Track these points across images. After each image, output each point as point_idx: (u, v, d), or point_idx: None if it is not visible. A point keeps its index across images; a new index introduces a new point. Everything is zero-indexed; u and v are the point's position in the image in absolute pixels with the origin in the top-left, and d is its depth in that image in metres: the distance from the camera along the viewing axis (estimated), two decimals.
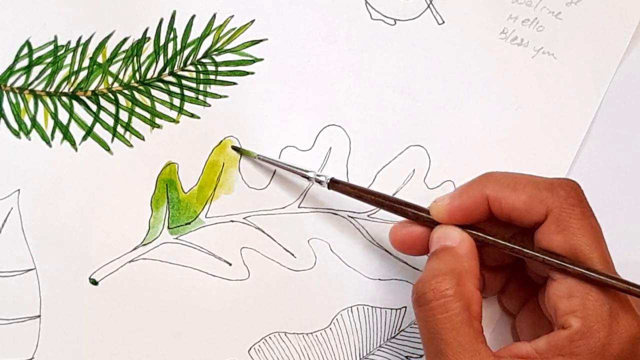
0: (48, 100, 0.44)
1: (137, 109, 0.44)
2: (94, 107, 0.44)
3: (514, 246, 0.38)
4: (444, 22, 0.46)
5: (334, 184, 0.42)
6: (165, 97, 0.44)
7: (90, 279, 0.43)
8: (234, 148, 0.44)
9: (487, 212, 0.38)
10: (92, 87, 0.44)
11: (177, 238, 0.44)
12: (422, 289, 0.37)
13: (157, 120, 0.44)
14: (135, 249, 0.43)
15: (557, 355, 0.35)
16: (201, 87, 0.44)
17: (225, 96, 0.45)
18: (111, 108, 0.44)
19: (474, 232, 0.39)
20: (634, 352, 0.35)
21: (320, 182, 0.42)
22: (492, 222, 0.39)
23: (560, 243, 0.36)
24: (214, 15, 0.45)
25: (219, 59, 0.45)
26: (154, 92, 0.44)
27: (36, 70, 0.44)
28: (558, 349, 0.35)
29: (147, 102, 0.44)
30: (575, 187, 0.38)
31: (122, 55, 0.44)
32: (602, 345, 0.35)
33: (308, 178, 0.42)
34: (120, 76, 0.44)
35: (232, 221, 0.44)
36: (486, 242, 0.38)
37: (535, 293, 0.41)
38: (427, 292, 0.36)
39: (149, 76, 0.44)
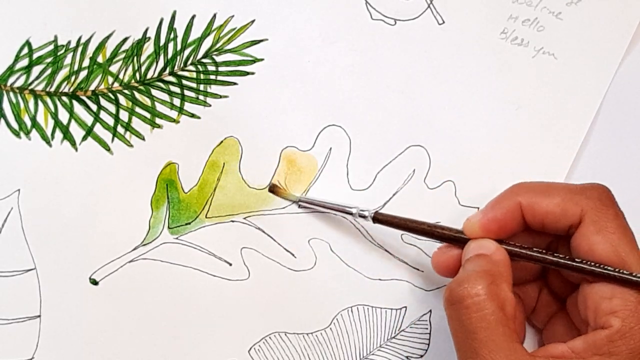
0: (48, 100, 0.44)
1: (138, 109, 0.44)
2: (94, 107, 0.44)
3: (554, 258, 0.38)
4: (444, 22, 0.46)
5: (377, 218, 0.42)
6: (165, 97, 0.44)
7: (90, 279, 0.43)
8: (271, 190, 0.44)
9: (520, 222, 0.39)
10: (92, 87, 0.44)
11: (177, 238, 0.44)
12: (456, 288, 0.37)
13: (158, 120, 0.44)
14: (135, 249, 0.43)
15: (594, 355, 0.35)
16: (201, 87, 0.44)
17: (226, 96, 0.45)
18: (111, 108, 0.44)
19: (508, 246, 0.39)
20: None
21: (364, 217, 0.42)
22: (523, 236, 0.40)
23: (601, 243, 0.36)
24: (214, 16, 0.45)
25: (219, 59, 0.45)
26: (154, 92, 0.44)
27: (36, 70, 0.44)
28: (596, 348, 0.35)
29: (148, 102, 0.44)
30: (606, 190, 0.38)
31: (122, 55, 0.44)
32: None
33: (351, 214, 0.42)
34: (121, 76, 0.44)
35: (232, 221, 0.44)
36: (521, 255, 0.38)
37: (562, 305, 0.41)
38: (460, 290, 0.36)
39: (149, 76, 0.44)
